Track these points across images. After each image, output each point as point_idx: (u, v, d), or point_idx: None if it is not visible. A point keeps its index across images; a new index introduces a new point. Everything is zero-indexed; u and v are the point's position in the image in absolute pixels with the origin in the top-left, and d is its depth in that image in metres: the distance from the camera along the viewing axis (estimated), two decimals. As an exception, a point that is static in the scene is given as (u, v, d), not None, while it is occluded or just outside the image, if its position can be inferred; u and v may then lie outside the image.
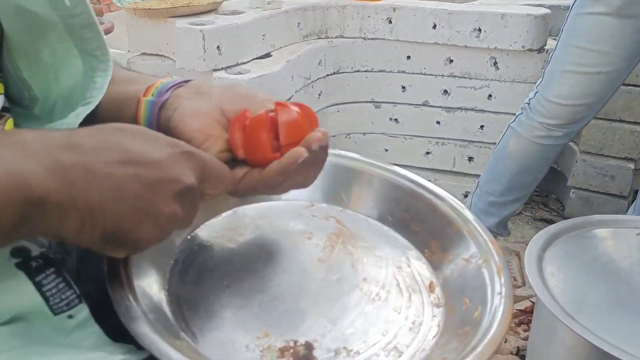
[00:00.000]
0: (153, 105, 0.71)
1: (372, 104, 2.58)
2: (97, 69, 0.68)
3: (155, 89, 0.72)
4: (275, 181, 0.67)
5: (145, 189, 0.52)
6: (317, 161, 0.70)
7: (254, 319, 0.67)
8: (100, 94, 0.68)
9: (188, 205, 0.57)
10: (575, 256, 1.34)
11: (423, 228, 0.83)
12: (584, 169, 2.41)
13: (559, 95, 1.83)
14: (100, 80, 0.68)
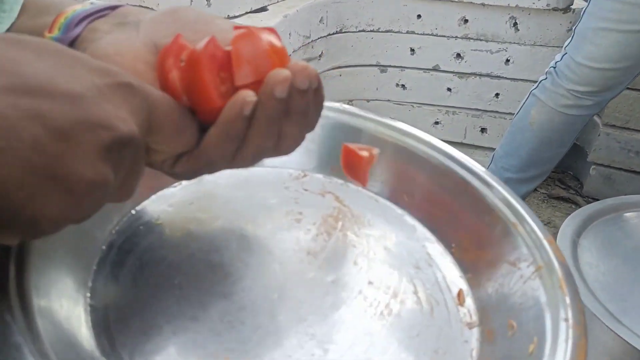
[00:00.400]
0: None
1: (378, 68, 2.48)
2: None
3: (64, 19, 0.49)
4: (218, 153, 0.46)
5: (50, 137, 0.33)
6: (295, 111, 0.46)
7: (211, 337, 0.49)
8: (9, 20, 0.51)
9: (126, 167, 0.39)
10: (615, 244, 1.20)
11: (451, 214, 0.64)
12: (607, 144, 2.30)
13: (592, 57, 1.66)
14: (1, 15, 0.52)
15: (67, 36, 0.48)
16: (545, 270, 0.53)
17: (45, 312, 0.44)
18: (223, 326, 0.50)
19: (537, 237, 0.56)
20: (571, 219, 1.22)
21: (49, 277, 0.47)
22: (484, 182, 0.63)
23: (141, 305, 0.50)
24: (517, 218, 0.58)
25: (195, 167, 0.46)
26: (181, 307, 0.50)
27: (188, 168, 0.46)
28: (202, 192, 0.63)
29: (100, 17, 0.50)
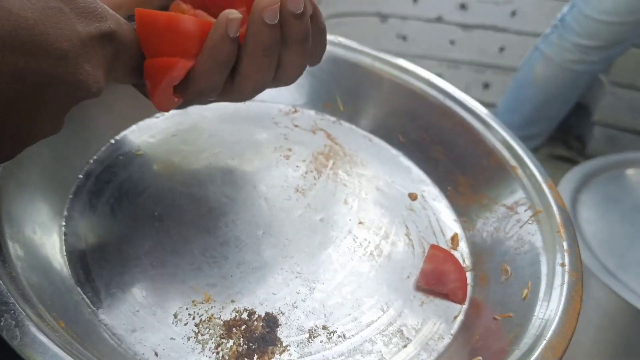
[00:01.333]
0: None
1: (378, 17, 2.40)
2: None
3: None
4: (208, 82, 0.43)
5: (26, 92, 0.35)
6: (291, 39, 0.43)
7: (192, 272, 0.47)
8: None
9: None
10: (615, 201, 1.18)
11: (448, 156, 0.62)
12: (612, 103, 2.24)
13: (602, 9, 1.61)
14: None
15: None
16: (543, 215, 0.51)
17: (16, 236, 0.42)
18: (204, 260, 0.47)
19: (537, 181, 0.54)
20: (571, 175, 1.20)
21: (22, 202, 0.44)
22: (484, 123, 0.60)
23: (119, 236, 0.48)
24: (517, 161, 0.56)
25: (185, 97, 0.43)
26: (161, 240, 0.48)
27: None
28: (186, 124, 0.60)
29: None
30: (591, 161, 1.25)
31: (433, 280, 0.48)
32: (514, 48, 2.29)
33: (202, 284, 0.45)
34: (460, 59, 2.41)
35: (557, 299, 0.44)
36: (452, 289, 0.48)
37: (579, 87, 1.80)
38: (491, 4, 2.26)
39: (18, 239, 0.42)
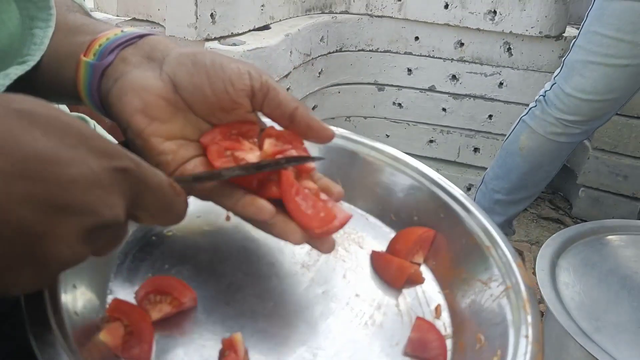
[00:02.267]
0: (94, 70, 0.55)
1: (375, 86, 2.50)
2: (36, 18, 0.55)
3: (98, 46, 0.55)
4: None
5: (35, 220, 0.35)
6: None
7: (211, 339, 0.55)
8: (40, 52, 0.55)
9: (104, 244, 0.43)
10: (593, 265, 1.24)
11: (433, 235, 0.70)
12: (596, 167, 2.34)
13: (581, 88, 1.69)
14: (40, 33, 0.55)
15: (102, 63, 0.55)
16: (512, 291, 0.59)
17: (71, 313, 0.50)
18: (224, 330, 0.56)
19: (508, 260, 0.62)
20: (552, 240, 1.26)
21: (75, 282, 0.52)
22: (464, 208, 0.68)
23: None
24: (491, 242, 0.64)
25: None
26: (188, 313, 0.56)
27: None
28: (208, 206, 0.68)
29: (130, 44, 0.56)
30: (570, 228, 1.32)
31: (418, 348, 0.56)
32: (502, 116, 2.37)
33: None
34: (451, 125, 2.47)
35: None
36: (434, 356, 0.56)
37: (562, 155, 1.86)
38: (480, 76, 2.34)
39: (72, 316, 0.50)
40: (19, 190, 0.35)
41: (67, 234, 0.37)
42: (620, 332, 1.05)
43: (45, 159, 0.36)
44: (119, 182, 0.40)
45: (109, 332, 0.51)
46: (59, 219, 0.36)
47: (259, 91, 0.55)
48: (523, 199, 1.95)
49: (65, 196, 0.36)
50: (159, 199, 0.45)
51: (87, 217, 0.38)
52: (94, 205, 0.38)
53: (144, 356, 0.51)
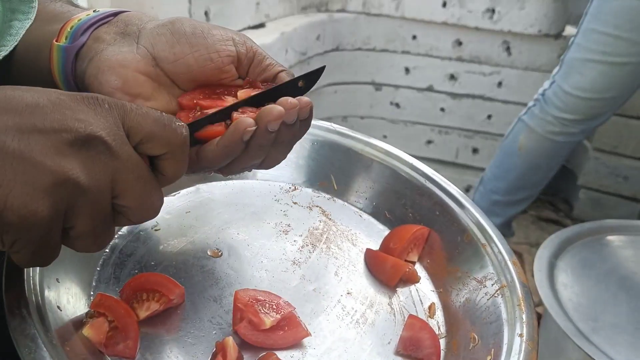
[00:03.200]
0: (66, 53, 0.53)
1: (373, 86, 2.48)
2: (17, 11, 0.54)
3: (70, 28, 0.53)
4: (217, 162, 0.51)
5: (11, 138, 0.38)
6: (280, 141, 0.52)
7: (201, 338, 0.53)
8: (13, 42, 0.53)
9: (93, 166, 0.41)
10: (591, 266, 1.23)
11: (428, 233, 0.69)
12: (596, 168, 2.32)
13: (579, 87, 1.68)
14: (17, 24, 0.54)
15: (74, 45, 0.52)
16: (507, 289, 0.58)
17: (54, 307, 0.49)
18: (212, 328, 0.54)
19: (503, 258, 0.61)
20: (550, 241, 1.26)
21: (58, 276, 0.51)
22: (459, 204, 0.67)
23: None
24: (487, 239, 0.63)
25: (192, 170, 0.51)
26: (175, 308, 0.55)
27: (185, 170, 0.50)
28: (198, 201, 0.67)
29: (104, 24, 0.54)
30: (568, 228, 1.32)
31: (410, 347, 0.55)
32: (501, 116, 2.35)
33: (209, 348, 0.52)
34: (450, 126, 2.46)
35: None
36: (427, 355, 0.55)
37: (561, 156, 1.85)
38: (479, 75, 2.33)
39: (55, 310, 0.49)
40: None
41: (43, 148, 0.39)
42: (618, 333, 1.05)
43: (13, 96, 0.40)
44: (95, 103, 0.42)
45: (92, 327, 0.50)
46: (33, 138, 0.38)
47: (245, 57, 0.54)
48: (522, 199, 1.94)
49: (33, 118, 0.39)
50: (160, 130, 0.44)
51: (58, 132, 0.39)
52: (64, 121, 0.40)
53: (129, 352, 0.50)
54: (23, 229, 0.39)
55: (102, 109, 0.42)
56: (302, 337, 0.54)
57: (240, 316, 0.53)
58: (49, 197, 0.39)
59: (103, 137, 0.41)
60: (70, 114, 0.40)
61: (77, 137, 0.40)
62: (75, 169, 0.40)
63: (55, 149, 0.39)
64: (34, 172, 0.38)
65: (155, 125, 0.44)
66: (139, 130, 0.43)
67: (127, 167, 0.43)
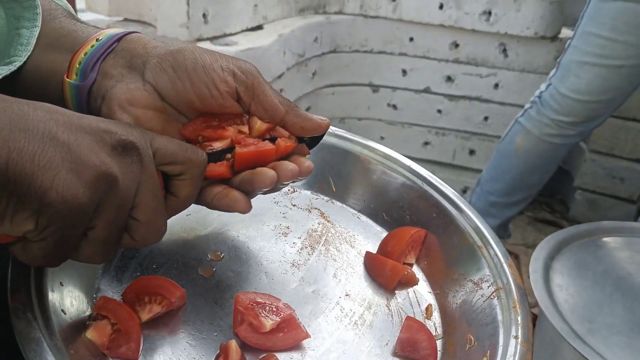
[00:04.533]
0: (79, 91, 0.54)
1: (370, 88, 2.49)
2: (22, 18, 0.54)
3: (78, 64, 0.54)
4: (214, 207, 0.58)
5: (62, 131, 0.42)
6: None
7: (202, 340, 0.54)
8: (26, 52, 0.54)
9: (129, 172, 0.45)
10: (586, 267, 1.24)
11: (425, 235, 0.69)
12: (592, 169, 2.33)
13: (576, 89, 1.69)
14: (26, 33, 0.54)
15: (85, 84, 0.53)
16: (503, 291, 0.58)
17: (58, 311, 0.49)
18: (212, 329, 0.55)
19: (499, 260, 0.61)
20: (545, 243, 1.26)
21: (62, 280, 0.52)
22: (456, 207, 0.68)
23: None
24: (483, 242, 0.64)
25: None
26: (177, 311, 0.56)
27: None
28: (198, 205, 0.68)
29: (109, 53, 0.54)
30: (564, 230, 1.32)
31: (408, 348, 0.56)
32: (498, 117, 2.36)
33: (211, 350, 0.53)
34: (447, 127, 2.47)
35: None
36: (424, 356, 0.55)
37: (558, 157, 1.86)
38: (476, 77, 2.33)
39: (59, 313, 0.49)
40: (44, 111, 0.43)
41: (90, 144, 0.43)
42: (613, 334, 1.05)
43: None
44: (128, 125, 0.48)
45: (95, 330, 0.50)
46: (82, 134, 0.43)
47: (245, 95, 0.54)
48: (519, 201, 1.95)
49: (84, 119, 0.44)
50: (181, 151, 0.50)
51: (105, 133, 0.45)
52: (111, 125, 0.45)
53: (132, 355, 0.50)
54: (60, 212, 0.41)
55: (137, 129, 0.48)
56: (301, 338, 0.55)
57: (240, 319, 0.54)
58: (89, 188, 0.42)
59: (139, 148, 0.46)
60: (114, 123, 0.46)
61: (119, 141, 0.45)
62: (115, 168, 0.44)
63: (100, 148, 0.43)
64: (80, 163, 0.42)
65: (178, 148, 0.50)
66: (164, 151, 0.49)
67: (150, 182, 0.47)
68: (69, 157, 0.41)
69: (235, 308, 0.55)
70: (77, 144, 0.42)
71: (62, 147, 0.41)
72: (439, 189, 0.70)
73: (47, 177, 0.40)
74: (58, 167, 0.41)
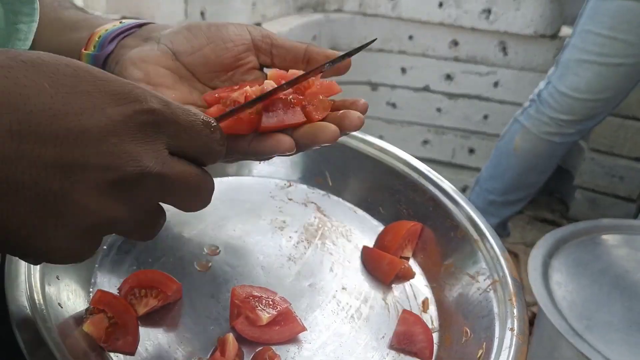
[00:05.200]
0: (95, 61, 0.55)
1: (369, 86, 2.48)
2: (19, 13, 0.54)
3: (97, 38, 0.56)
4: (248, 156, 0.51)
5: (51, 178, 0.34)
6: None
7: (199, 333, 0.54)
8: (25, 47, 0.53)
9: (141, 201, 0.38)
10: (585, 265, 1.24)
11: (422, 228, 0.69)
12: (592, 168, 2.32)
13: (575, 87, 1.68)
14: (24, 28, 0.53)
15: (102, 53, 0.55)
16: (499, 284, 0.58)
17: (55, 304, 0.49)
18: (209, 323, 0.55)
19: (496, 253, 0.61)
20: (544, 240, 1.26)
21: (58, 274, 0.52)
22: (452, 200, 0.67)
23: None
24: (479, 235, 0.64)
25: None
26: (172, 305, 0.56)
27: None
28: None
29: (129, 34, 0.56)
30: (563, 227, 1.32)
31: (404, 341, 0.56)
32: (498, 116, 2.35)
33: (209, 343, 0.53)
34: (446, 126, 2.46)
35: (503, 357, 0.51)
36: (420, 349, 0.55)
37: (557, 156, 1.85)
38: (475, 75, 2.32)
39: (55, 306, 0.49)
40: (28, 150, 0.33)
41: (87, 189, 0.35)
42: (611, 331, 1.05)
43: (53, 111, 0.34)
44: (143, 127, 0.37)
45: (92, 323, 0.50)
46: (74, 175, 0.34)
47: (262, 42, 0.55)
48: (518, 200, 1.94)
49: (76, 151, 0.34)
50: (195, 139, 0.40)
51: (105, 171, 0.35)
52: (111, 157, 0.35)
53: (129, 348, 0.50)
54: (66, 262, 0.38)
55: (152, 131, 0.37)
56: (298, 332, 0.55)
57: (237, 312, 0.54)
58: (91, 237, 0.37)
59: (153, 171, 0.37)
60: (119, 146, 0.35)
61: (125, 176, 0.36)
62: (120, 209, 0.37)
63: (99, 190, 0.35)
64: (76, 213, 0.35)
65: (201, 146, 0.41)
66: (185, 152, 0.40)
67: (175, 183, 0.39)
68: (63, 209, 0.35)
69: (231, 301, 0.55)
70: (72, 191, 0.34)
71: (55, 197, 0.34)
72: (435, 182, 0.70)
73: (42, 241, 0.35)
74: (53, 226, 0.35)
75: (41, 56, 0.35)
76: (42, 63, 0.35)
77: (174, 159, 0.39)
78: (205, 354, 0.52)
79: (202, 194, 0.42)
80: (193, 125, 0.39)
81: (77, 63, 0.36)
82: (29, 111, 0.33)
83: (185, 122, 0.39)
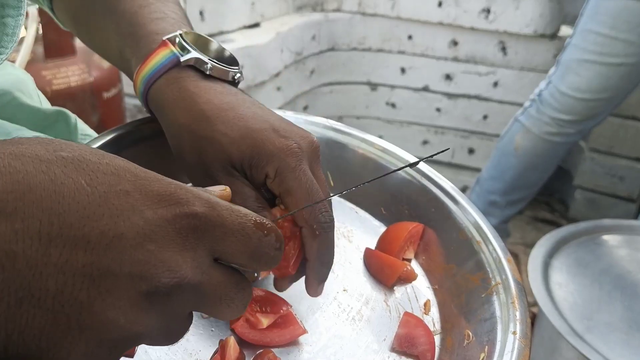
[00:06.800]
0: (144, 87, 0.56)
1: (368, 86, 2.48)
2: (6, 6, 0.52)
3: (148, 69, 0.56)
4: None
5: (77, 286, 0.30)
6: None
7: (199, 336, 0.53)
8: (12, 44, 0.52)
9: (174, 311, 0.35)
10: (585, 265, 1.23)
11: (423, 229, 0.68)
12: (592, 168, 2.32)
13: (576, 87, 1.68)
14: (11, 22, 0.52)
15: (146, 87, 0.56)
16: (502, 287, 0.58)
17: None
18: (210, 325, 0.54)
19: (498, 255, 0.60)
20: (544, 241, 1.26)
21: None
22: (455, 201, 0.67)
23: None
24: (482, 237, 0.63)
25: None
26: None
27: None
28: None
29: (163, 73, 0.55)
30: (563, 228, 1.32)
31: (406, 344, 0.55)
32: (497, 116, 2.36)
33: (207, 347, 0.52)
34: (446, 126, 2.46)
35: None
36: (422, 352, 0.55)
37: (558, 156, 1.85)
38: (475, 75, 2.33)
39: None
40: (56, 254, 0.30)
41: (116, 301, 0.31)
42: (612, 331, 1.04)
43: (87, 212, 0.31)
44: (184, 232, 0.34)
45: None
46: (104, 285, 0.31)
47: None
48: (518, 200, 1.94)
49: (108, 258, 0.31)
50: (244, 243, 0.36)
51: (138, 281, 0.32)
52: (146, 265, 0.32)
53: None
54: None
55: (193, 237, 0.34)
56: (298, 334, 0.54)
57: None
58: (115, 352, 0.33)
59: (191, 281, 0.34)
60: (156, 254, 0.32)
61: (160, 287, 0.32)
62: (150, 323, 0.33)
63: (130, 302, 0.32)
64: (102, 327, 0.31)
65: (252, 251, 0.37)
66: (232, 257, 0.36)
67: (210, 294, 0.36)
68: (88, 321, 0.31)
69: None
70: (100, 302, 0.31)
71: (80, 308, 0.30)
72: (437, 183, 0.69)
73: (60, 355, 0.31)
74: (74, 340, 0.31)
75: (83, 153, 0.33)
76: (83, 160, 0.32)
77: (216, 266, 0.36)
78: (206, 356, 0.51)
79: (236, 306, 0.38)
80: (243, 227, 0.36)
81: (120, 161, 0.34)
82: (62, 211, 0.30)
83: (232, 225, 0.35)
